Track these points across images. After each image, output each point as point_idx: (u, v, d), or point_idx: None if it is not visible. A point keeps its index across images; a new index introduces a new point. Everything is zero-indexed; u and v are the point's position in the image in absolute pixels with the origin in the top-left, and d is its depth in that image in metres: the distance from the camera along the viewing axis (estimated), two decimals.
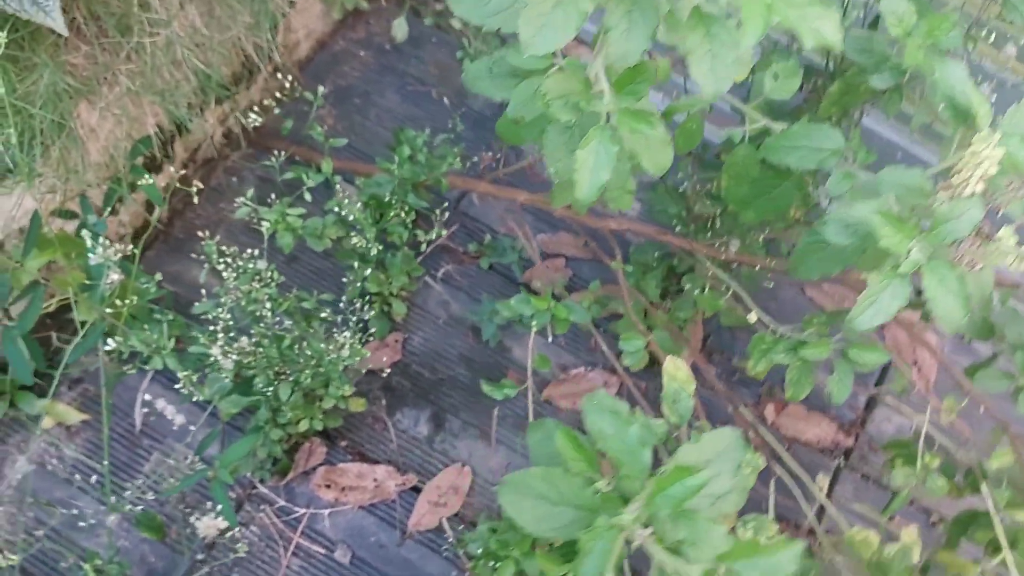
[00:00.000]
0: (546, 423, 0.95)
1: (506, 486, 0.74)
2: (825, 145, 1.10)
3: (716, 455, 0.84)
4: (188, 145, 2.23)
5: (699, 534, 0.76)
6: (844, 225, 0.96)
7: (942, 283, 0.92)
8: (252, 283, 1.56)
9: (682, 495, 0.72)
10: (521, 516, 0.73)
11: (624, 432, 0.80)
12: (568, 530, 0.74)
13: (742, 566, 0.66)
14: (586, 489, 0.76)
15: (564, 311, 1.66)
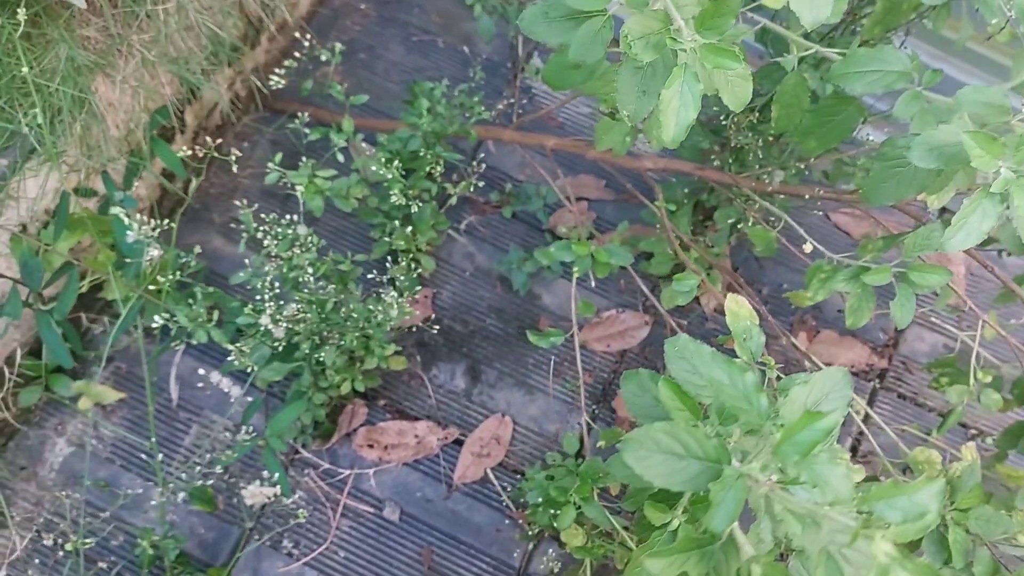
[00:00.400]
0: (640, 374, 0.95)
1: (630, 443, 0.73)
2: (892, 67, 1.08)
3: (825, 394, 0.83)
4: (198, 113, 2.18)
5: (821, 476, 0.75)
6: (929, 148, 0.95)
7: None
8: (292, 249, 1.53)
9: (812, 440, 0.71)
10: (649, 472, 0.73)
11: (739, 379, 0.79)
12: (696, 482, 0.73)
13: (883, 507, 0.66)
14: (709, 440, 0.75)
15: (605, 255, 1.65)
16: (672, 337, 1.03)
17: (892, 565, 0.63)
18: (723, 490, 0.72)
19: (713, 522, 0.72)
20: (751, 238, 1.62)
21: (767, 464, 0.75)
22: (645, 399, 0.93)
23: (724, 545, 0.77)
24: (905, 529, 0.64)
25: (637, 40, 0.86)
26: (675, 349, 1.01)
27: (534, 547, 2.01)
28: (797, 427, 0.72)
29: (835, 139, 1.21)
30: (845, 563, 0.68)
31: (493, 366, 2.17)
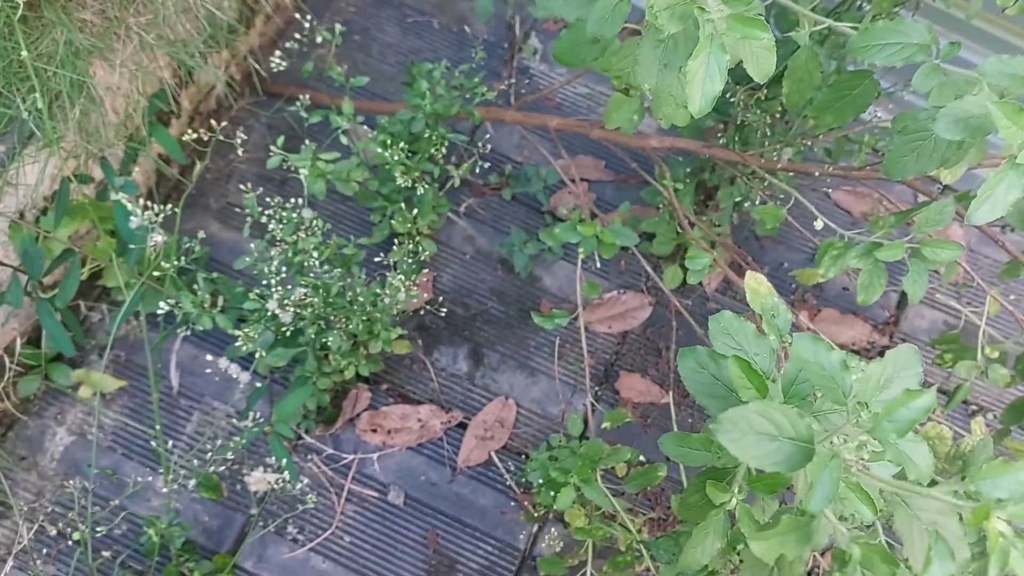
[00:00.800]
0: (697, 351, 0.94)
1: (724, 424, 0.73)
2: (912, 40, 1.07)
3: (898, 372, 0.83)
4: (194, 97, 2.16)
5: (905, 455, 0.75)
6: (955, 120, 0.94)
7: None
8: (297, 233, 1.51)
9: (912, 419, 0.71)
10: (744, 453, 0.72)
11: (827, 358, 0.79)
12: (791, 462, 0.73)
13: (988, 486, 0.65)
14: (803, 419, 0.75)
15: (611, 236, 1.64)
16: (716, 314, 1.02)
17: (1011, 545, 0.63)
18: (820, 471, 0.72)
19: (812, 503, 0.72)
20: (760, 216, 1.62)
21: (862, 443, 0.75)
22: (704, 376, 0.93)
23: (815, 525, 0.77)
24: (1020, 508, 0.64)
25: (663, 11, 0.85)
26: (720, 326, 1.00)
27: (539, 529, 2.01)
28: (897, 405, 0.71)
29: (851, 114, 1.20)
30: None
31: (495, 349, 2.16)
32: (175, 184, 2.17)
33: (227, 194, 2.21)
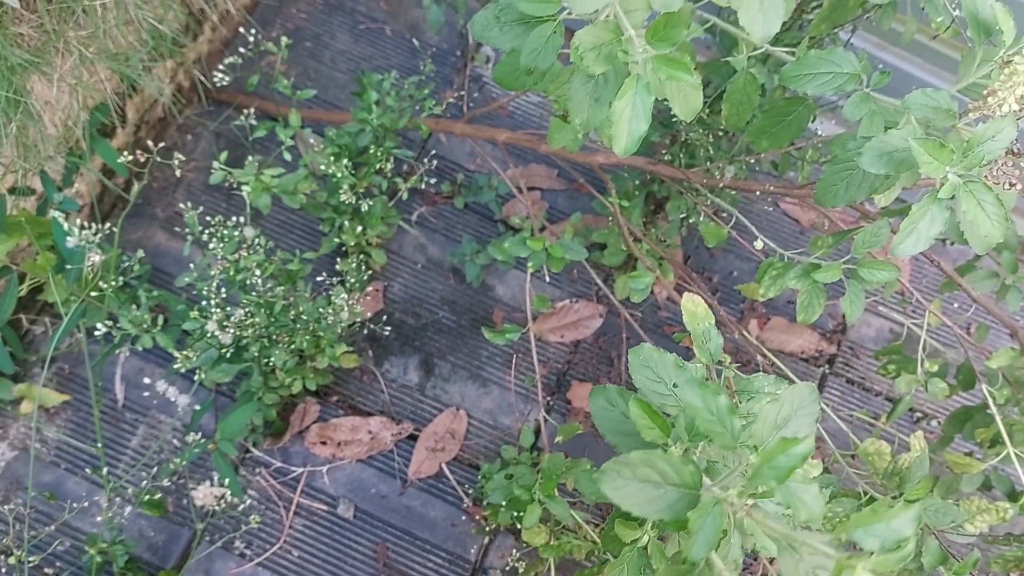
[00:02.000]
0: (607, 389, 0.94)
1: (608, 474, 0.73)
2: (843, 69, 1.08)
3: (794, 412, 0.83)
4: (139, 107, 2.12)
5: (795, 497, 0.76)
6: (879, 154, 0.95)
7: (980, 206, 0.92)
8: (239, 251, 1.50)
9: (790, 465, 0.71)
10: (627, 501, 0.72)
11: (713, 402, 0.79)
12: (674, 510, 0.73)
13: (860, 535, 0.66)
14: (686, 467, 0.75)
15: (560, 251, 1.64)
16: (636, 346, 1.03)
17: None
18: (702, 517, 0.73)
19: (693, 550, 0.72)
20: (704, 233, 1.62)
21: (744, 490, 0.75)
22: (613, 414, 0.93)
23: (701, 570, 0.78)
24: (885, 559, 0.64)
25: (588, 51, 0.85)
26: (639, 358, 1.01)
27: (490, 541, 2.01)
28: (775, 453, 0.72)
29: (787, 139, 1.21)
30: None
31: (447, 359, 2.15)
32: (120, 196, 2.14)
33: (174, 203, 2.18)
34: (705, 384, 0.79)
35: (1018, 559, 1.51)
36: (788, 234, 2.36)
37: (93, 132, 1.71)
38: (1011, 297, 1.72)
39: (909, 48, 1.86)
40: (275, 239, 2.15)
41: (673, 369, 0.95)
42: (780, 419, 0.83)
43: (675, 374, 0.94)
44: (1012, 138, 0.92)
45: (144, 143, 2.17)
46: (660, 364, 0.96)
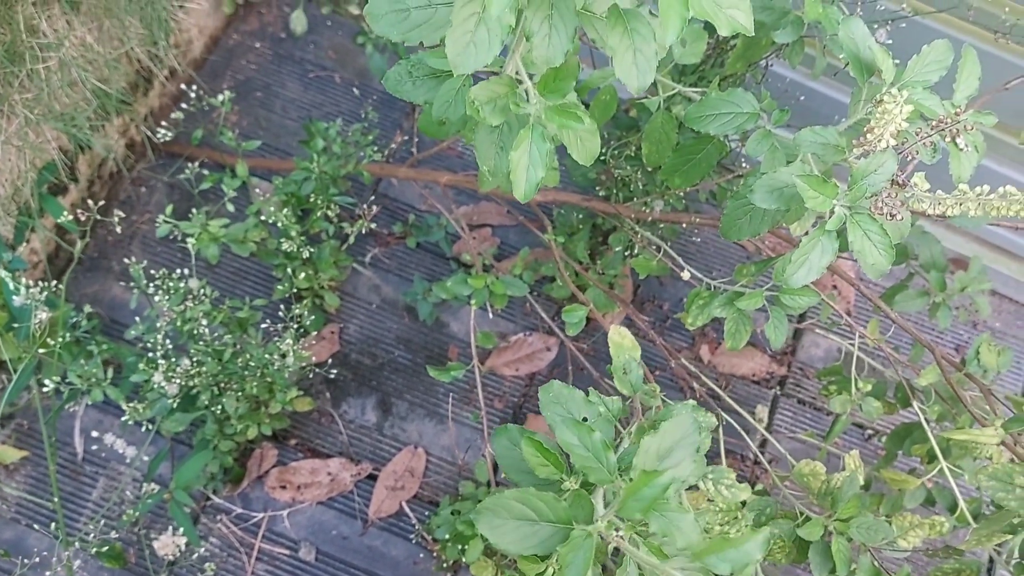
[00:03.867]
0: (510, 429, 0.98)
1: (484, 514, 0.76)
2: (742, 108, 1.14)
3: (675, 443, 0.87)
4: (92, 162, 2.16)
5: (671, 526, 0.79)
6: (770, 190, 1.00)
7: (867, 236, 0.97)
8: (185, 303, 1.53)
9: (652, 496, 0.75)
10: (503, 540, 0.76)
11: (588, 439, 0.83)
12: (548, 545, 0.77)
13: (713, 561, 0.70)
14: (560, 503, 0.79)
15: (502, 286, 1.68)
16: (546, 384, 1.07)
17: None
18: (571, 552, 0.76)
19: None
20: (635, 267, 1.67)
21: (612, 522, 0.79)
22: (515, 453, 0.96)
23: None
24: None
25: (484, 104, 0.90)
26: (549, 395, 1.05)
27: None
28: (638, 485, 0.76)
29: (697, 176, 1.26)
30: None
31: (404, 398, 2.19)
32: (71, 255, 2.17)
33: (129, 255, 2.21)
34: (578, 422, 0.83)
35: (957, 571, 1.55)
36: (736, 260, 2.42)
37: (42, 191, 1.75)
38: (942, 314, 1.78)
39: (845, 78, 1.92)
40: (231, 285, 2.19)
41: (582, 404, 0.99)
42: (662, 450, 0.87)
43: (584, 409, 0.98)
44: (892, 171, 0.97)
45: (98, 197, 2.21)
46: (570, 400, 1.00)
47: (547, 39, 0.81)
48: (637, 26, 0.82)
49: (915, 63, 1.05)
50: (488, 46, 0.77)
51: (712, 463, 2.28)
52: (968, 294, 1.76)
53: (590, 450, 0.83)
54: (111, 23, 1.84)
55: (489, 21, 0.75)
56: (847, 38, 1.05)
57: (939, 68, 1.05)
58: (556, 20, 0.81)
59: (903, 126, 0.95)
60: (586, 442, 0.83)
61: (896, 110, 0.94)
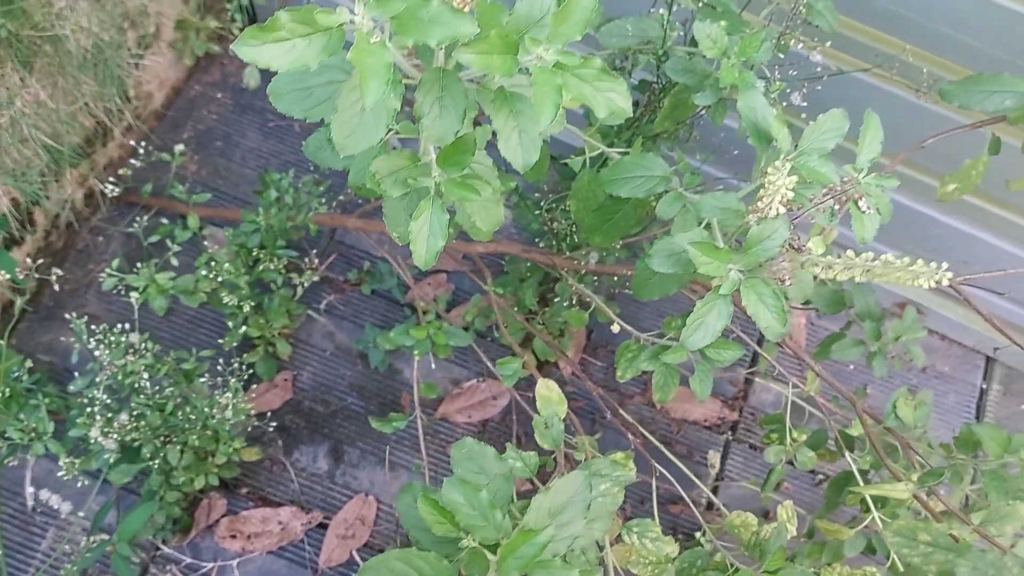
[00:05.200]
0: (413, 487, 1.00)
1: (367, 572, 0.78)
2: (654, 172, 1.18)
3: (568, 501, 0.89)
4: (48, 212, 2.19)
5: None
6: (667, 255, 1.04)
7: (761, 300, 1.00)
8: (126, 357, 1.55)
9: (531, 555, 0.77)
10: None
11: (475, 499, 0.85)
12: None
13: None
14: (441, 563, 0.81)
15: (443, 337, 1.71)
16: (459, 440, 1.09)
17: None
18: None
19: None
20: (568, 318, 1.71)
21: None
22: (416, 511, 0.99)
23: None
24: None
25: (386, 177, 0.93)
26: (462, 451, 1.07)
27: None
28: (516, 544, 0.78)
29: (617, 235, 1.30)
30: None
31: (356, 445, 2.20)
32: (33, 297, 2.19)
33: (85, 304, 2.23)
34: (464, 480, 0.85)
35: None
36: (680, 307, 2.45)
37: None
38: (877, 363, 1.81)
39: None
40: (187, 333, 2.21)
41: (493, 461, 1.02)
42: (554, 508, 0.89)
43: (497, 465, 1.01)
44: (785, 237, 1.01)
45: (55, 247, 2.24)
46: (482, 457, 1.02)
47: (438, 119, 0.85)
48: (522, 107, 0.86)
49: (811, 131, 1.09)
50: (374, 129, 0.81)
51: (664, 510, 2.31)
52: (903, 343, 1.80)
53: (476, 509, 0.85)
54: (64, 80, 1.87)
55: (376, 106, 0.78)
56: (746, 108, 1.09)
57: (835, 136, 1.09)
58: (447, 101, 0.85)
59: (789, 195, 0.99)
60: (472, 501, 0.85)
61: (780, 181, 0.98)
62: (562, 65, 0.80)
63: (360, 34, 0.72)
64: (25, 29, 1.73)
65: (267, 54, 0.73)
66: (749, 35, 1.31)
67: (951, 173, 1.43)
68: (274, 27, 0.72)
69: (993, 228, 2.12)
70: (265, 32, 0.72)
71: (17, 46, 1.77)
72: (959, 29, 1.72)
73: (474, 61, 0.77)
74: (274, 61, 0.73)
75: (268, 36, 0.72)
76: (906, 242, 2.32)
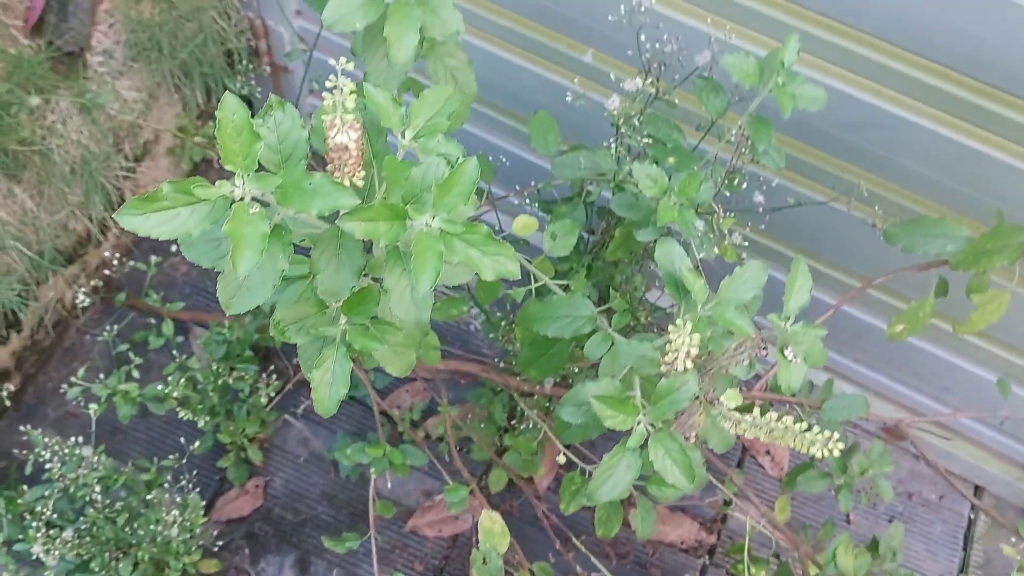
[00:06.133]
0: None
1: None
2: (581, 313, 1.19)
3: None
4: (36, 311, 2.24)
5: None
6: (576, 405, 1.04)
7: (668, 454, 1.00)
8: (79, 470, 1.57)
9: None
10: None
11: None
12: None
13: None
14: None
15: (399, 456, 1.71)
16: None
17: None
18: None
19: None
20: (513, 446, 1.70)
21: None
22: None
23: None
24: None
25: (290, 326, 0.95)
26: None
27: None
28: None
29: (551, 370, 1.30)
30: None
31: (323, 557, 2.18)
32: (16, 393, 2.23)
33: (66, 403, 2.26)
34: None
35: None
36: None
37: None
38: (843, 497, 1.78)
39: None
40: (163, 434, 2.22)
41: None
42: None
43: None
44: (693, 392, 1.01)
45: (42, 345, 2.29)
46: None
47: (334, 275, 0.87)
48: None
49: (728, 283, 1.10)
50: (261, 289, 0.83)
51: None
52: (869, 477, 1.77)
53: None
54: (51, 189, 1.94)
55: (264, 267, 0.81)
56: (663, 257, 1.11)
57: (754, 287, 1.10)
58: (344, 258, 0.87)
59: (694, 352, 0.99)
60: None
61: (682, 340, 0.98)
62: (446, 232, 0.82)
63: (238, 206, 0.75)
64: (12, 143, 1.81)
65: (149, 223, 0.76)
66: (687, 176, 1.33)
67: (898, 314, 1.43)
68: (157, 197, 0.75)
69: (973, 357, 2.10)
70: (148, 203, 0.75)
71: (3, 159, 1.84)
72: (923, 165, 1.74)
73: (359, 229, 0.79)
74: (156, 230, 0.76)
75: (151, 206, 0.75)
76: (887, 365, 2.30)
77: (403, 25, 0.97)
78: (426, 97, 0.98)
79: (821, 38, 1.65)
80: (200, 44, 2.22)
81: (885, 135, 1.73)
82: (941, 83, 1.61)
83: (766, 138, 1.37)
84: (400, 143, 0.94)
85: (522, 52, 2.00)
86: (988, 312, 1.33)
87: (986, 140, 1.64)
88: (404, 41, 0.98)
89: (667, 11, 1.70)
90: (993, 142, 1.62)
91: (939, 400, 2.27)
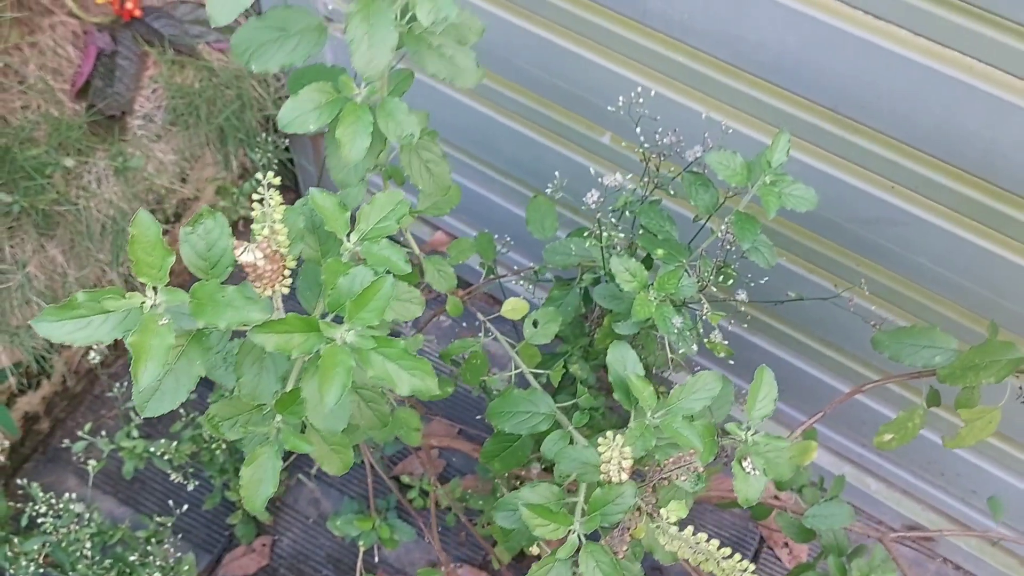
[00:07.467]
0: None
1: None
2: (539, 410, 1.18)
3: None
4: (68, 358, 2.33)
5: None
6: (511, 510, 1.03)
7: (599, 567, 0.98)
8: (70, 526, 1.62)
9: None
10: None
11: None
12: None
13: None
14: None
15: (388, 531, 1.71)
16: None
17: None
18: None
19: None
20: (492, 533, 1.69)
21: None
22: None
23: None
24: None
25: (225, 421, 0.97)
26: None
27: None
28: None
29: (514, 463, 1.29)
30: None
31: None
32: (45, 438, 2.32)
33: (91, 450, 2.33)
34: None
35: None
36: None
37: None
38: None
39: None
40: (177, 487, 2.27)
41: None
42: None
43: None
44: (630, 503, 0.99)
45: (72, 391, 2.37)
46: None
47: (255, 379, 0.89)
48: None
49: (679, 392, 1.08)
50: (173, 395, 0.85)
51: None
52: None
53: None
54: (81, 247, 2.02)
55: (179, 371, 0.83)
56: (615, 361, 1.10)
57: (705, 398, 1.08)
58: (267, 362, 0.89)
59: (628, 464, 0.98)
60: None
61: (613, 455, 0.97)
62: (358, 347, 0.83)
63: (148, 317, 0.78)
64: (43, 203, 1.90)
65: (64, 330, 0.79)
66: (666, 272, 1.32)
67: (886, 423, 1.38)
68: (72, 305, 0.78)
69: (998, 461, 2.01)
70: (63, 311, 0.78)
71: (35, 216, 1.93)
72: (940, 264, 1.69)
73: (271, 341, 0.81)
74: (69, 337, 0.79)
75: (66, 314, 0.78)
76: (912, 464, 2.22)
77: (354, 128, 1.00)
78: (378, 200, 1.00)
79: (832, 133, 1.63)
80: (236, 110, 2.31)
81: (900, 232, 1.69)
82: (955, 184, 1.56)
83: (751, 236, 1.35)
84: (344, 246, 0.97)
85: (546, 132, 2.02)
86: (977, 429, 1.28)
87: (1004, 243, 1.58)
88: (355, 142, 1.00)
89: (672, 96, 1.70)
90: (1014, 247, 1.57)
91: (966, 503, 2.17)
